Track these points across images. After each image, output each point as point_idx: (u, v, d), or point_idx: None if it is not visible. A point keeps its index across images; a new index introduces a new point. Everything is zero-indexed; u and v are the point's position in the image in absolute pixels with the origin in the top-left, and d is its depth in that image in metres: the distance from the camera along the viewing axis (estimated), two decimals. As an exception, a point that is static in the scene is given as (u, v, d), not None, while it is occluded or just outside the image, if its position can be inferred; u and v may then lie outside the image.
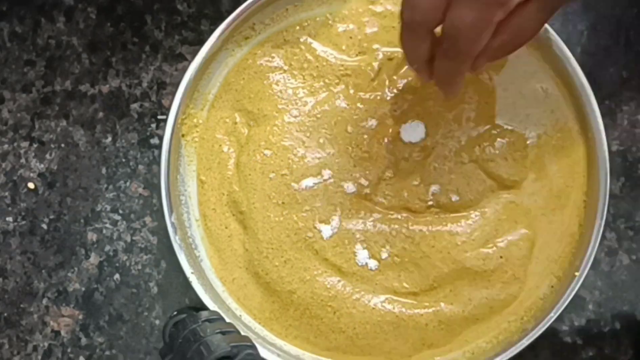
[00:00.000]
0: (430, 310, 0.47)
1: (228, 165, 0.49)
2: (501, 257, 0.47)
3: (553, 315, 0.45)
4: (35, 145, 0.52)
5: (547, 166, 0.48)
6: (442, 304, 0.47)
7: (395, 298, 0.47)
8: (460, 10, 0.34)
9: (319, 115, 0.48)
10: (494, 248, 0.47)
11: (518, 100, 0.48)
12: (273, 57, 0.50)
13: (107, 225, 0.51)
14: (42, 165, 0.51)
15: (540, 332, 0.45)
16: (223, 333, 0.41)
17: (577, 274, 0.46)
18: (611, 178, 0.46)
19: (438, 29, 0.37)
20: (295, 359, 0.48)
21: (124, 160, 0.51)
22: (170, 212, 0.47)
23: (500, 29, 0.35)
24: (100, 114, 0.52)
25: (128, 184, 0.51)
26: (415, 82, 0.48)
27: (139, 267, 0.50)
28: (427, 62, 0.39)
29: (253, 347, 0.41)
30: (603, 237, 0.49)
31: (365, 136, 0.48)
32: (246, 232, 0.49)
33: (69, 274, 0.51)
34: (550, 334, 0.47)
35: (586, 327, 0.49)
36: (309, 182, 0.48)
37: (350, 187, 0.48)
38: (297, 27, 0.50)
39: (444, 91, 0.42)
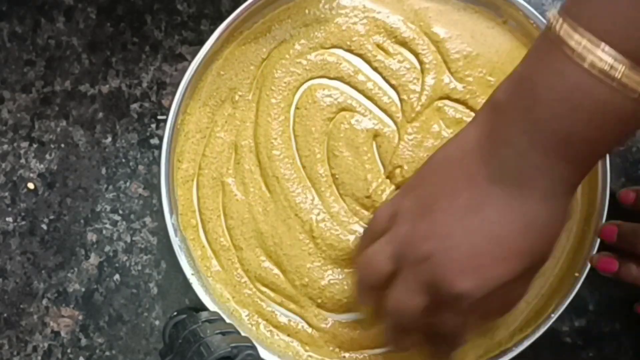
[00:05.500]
0: None
1: None
2: None
3: (553, 316, 0.45)
4: (35, 146, 0.52)
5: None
6: None
7: None
8: (392, 292, 0.39)
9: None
10: None
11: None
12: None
13: (107, 225, 0.51)
14: (42, 166, 0.51)
15: (540, 332, 0.45)
16: (223, 334, 0.41)
17: (577, 274, 0.46)
18: (611, 178, 0.46)
19: None
20: (294, 358, 0.48)
21: (124, 160, 0.51)
22: (171, 212, 0.47)
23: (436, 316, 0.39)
24: (100, 114, 0.52)
25: (128, 184, 0.51)
26: None
27: (139, 267, 0.50)
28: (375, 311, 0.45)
29: (253, 347, 0.41)
30: (603, 237, 0.49)
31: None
32: None
33: (69, 275, 0.50)
34: (550, 334, 0.47)
35: (586, 328, 0.49)
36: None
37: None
38: (297, 27, 0.50)
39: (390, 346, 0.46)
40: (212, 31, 0.48)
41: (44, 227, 0.51)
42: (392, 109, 0.48)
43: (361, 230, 0.47)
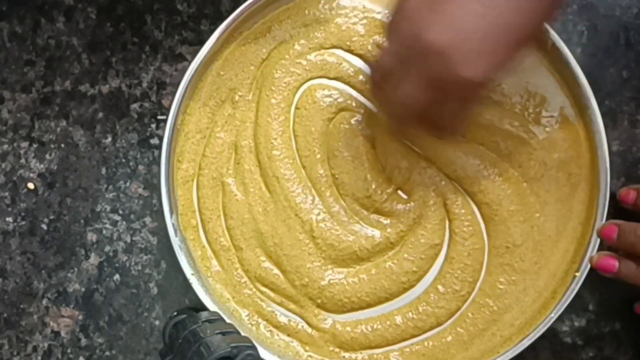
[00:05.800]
0: (449, 338, 0.47)
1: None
2: (513, 278, 0.47)
3: (553, 316, 0.45)
4: (35, 146, 0.52)
5: (548, 167, 0.48)
6: (457, 330, 0.47)
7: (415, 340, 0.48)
8: (401, 88, 0.40)
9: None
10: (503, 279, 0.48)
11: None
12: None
13: (107, 225, 0.51)
14: (42, 166, 0.51)
15: (540, 333, 0.45)
16: (223, 334, 0.41)
17: (577, 274, 0.46)
18: (611, 178, 0.46)
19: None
20: (294, 358, 0.48)
21: (124, 160, 0.51)
22: (171, 212, 0.47)
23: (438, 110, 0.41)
24: (100, 114, 0.52)
25: (128, 184, 0.51)
26: None
27: (139, 267, 0.50)
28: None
29: (253, 347, 0.41)
30: (603, 237, 0.49)
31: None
32: None
33: (69, 275, 0.50)
34: (550, 334, 0.47)
35: (586, 328, 0.49)
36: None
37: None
38: (297, 27, 0.50)
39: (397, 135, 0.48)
40: (212, 31, 0.48)
41: (44, 227, 0.51)
42: (392, 109, 0.48)
43: (361, 230, 0.47)
